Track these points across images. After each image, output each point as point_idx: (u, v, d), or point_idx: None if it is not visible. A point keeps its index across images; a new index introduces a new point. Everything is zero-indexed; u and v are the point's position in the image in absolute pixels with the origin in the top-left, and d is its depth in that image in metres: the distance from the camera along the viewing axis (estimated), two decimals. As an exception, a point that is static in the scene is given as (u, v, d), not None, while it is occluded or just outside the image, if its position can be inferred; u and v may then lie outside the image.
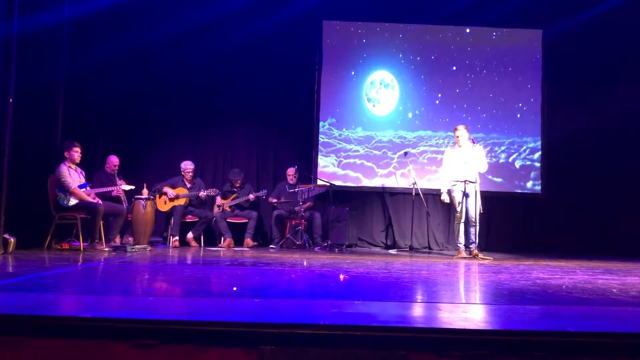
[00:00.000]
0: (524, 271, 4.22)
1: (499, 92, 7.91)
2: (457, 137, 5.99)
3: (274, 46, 7.74)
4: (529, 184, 7.81)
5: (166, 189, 6.79)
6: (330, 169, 7.76)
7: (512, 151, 7.84)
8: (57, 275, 3.32)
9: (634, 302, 2.64)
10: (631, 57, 7.67)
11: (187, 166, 6.96)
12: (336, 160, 7.79)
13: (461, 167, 5.92)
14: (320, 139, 7.80)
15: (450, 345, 1.76)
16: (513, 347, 1.76)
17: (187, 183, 6.96)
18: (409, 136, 7.83)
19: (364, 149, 7.79)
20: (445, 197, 6.03)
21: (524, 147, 7.84)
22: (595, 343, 1.77)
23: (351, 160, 7.79)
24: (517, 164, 7.83)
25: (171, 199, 6.78)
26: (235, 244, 6.82)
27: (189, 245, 6.72)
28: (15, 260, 4.17)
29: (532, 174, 7.83)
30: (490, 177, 7.66)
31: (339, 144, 7.80)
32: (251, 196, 6.98)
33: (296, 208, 6.92)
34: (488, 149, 7.71)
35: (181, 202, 6.78)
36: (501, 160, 7.81)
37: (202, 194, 6.82)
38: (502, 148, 7.83)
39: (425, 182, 7.56)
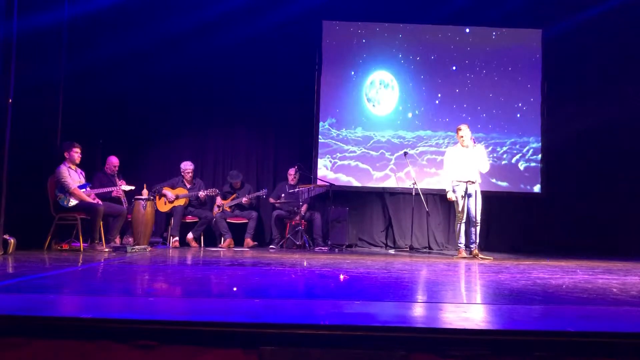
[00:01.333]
0: (524, 271, 4.22)
1: (498, 92, 7.91)
2: (461, 137, 5.95)
3: (274, 46, 7.73)
4: (529, 184, 7.81)
5: (165, 191, 6.78)
6: (327, 170, 7.75)
7: (512, 151, 7.84)
8: (57, 276, 3.32)
9: (634, 302, 2.63)
10: (631, 56, 7.66)
11: (187, 166, 6.96)
12: (331, 162, 7.77)
13: (464, 167, 5.91)
14: (320, 139, 7.80)
15: (450, 345, 1.75)
16: (514, 347, 1.76)
17: (186, 183, 6.96)
18: (408, 136, 7.83)
19: (362, 149, 7.78)
20: (451, 196, 6.00)
21: (524, 147, 7.84)
22: (595, 343, 1.76)
23: (346, 162, 7.77)
24: (517, 164, 7.83)
25: (170, 201, 6.78)
26: (235, 244, 6.81)
27: (189, 246, 6.72)
28: (15, 261, 4.17)
29: (532, 174, 7.82)
30: (494, 180, 7.64)
31: (337, 144, 7.79)
32: (245, 199, 6.96)
33: (296, 209, 6.92)
34: (490, 148, 7.71)
35: (181, 202, 6.78)
36: (503, 162, 7.81)
37: (202, 194, 6.82)
38: (503, 148, 7.83)
39: (424, 185, 7.55)
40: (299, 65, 7.81)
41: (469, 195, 5.91)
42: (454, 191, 5.98)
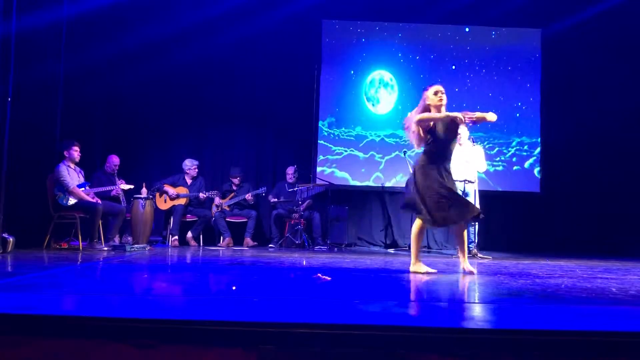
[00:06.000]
0: (523, 270, 4.22)
1: (498, 91, 7.90)
2: (458, 134, 5.96)
3: (274, 45, 7.72)
4: (528, 183, 7.80)
5: (167, 188, 6.78)
6: (327, 168, 7.74)
7: (512, 150, 7.83)
8: (56, 274, 3.31)
9: (633, 301, 2.64)
10: (630, 56, 7.66)
11: (193, 163, 6.96)
12: (332, 159, 7.75)
13: (461, 166, 5.91)
14: (318, 138, 7.78)
15: (450, 344, 1.76)
16: (512, 346, 1.76)
17: (188, 180, 6.95)
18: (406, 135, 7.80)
19: (352, 150, 7.76)
20: None
21: (524, 147, 7.84)
22: (594, 342, 1.77)
23: (326, 168, 7.76)
24: (517, 163, 7.82)
25: (172, 198, 6.77)
26: (235, 243, 6.81)
27: (188, 245, 6.72)
28: (14, 259, 4.17)
29: (531, 173, 7.82)
30: (493, 179, 7.63)
31: (336, 143, 7.78)
32: (248, 196, 6.97)
33: (295, 208, 6.92)
34: (496, 150, 7.69)
35: (181, 201, 6.77)
36: (503, 161, 7.80)
37: (203, 196, 6.81)
38: (502, 147, 7.83)
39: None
40: (298, 64, 7.80)
41: (466, 195, 5.91)
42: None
